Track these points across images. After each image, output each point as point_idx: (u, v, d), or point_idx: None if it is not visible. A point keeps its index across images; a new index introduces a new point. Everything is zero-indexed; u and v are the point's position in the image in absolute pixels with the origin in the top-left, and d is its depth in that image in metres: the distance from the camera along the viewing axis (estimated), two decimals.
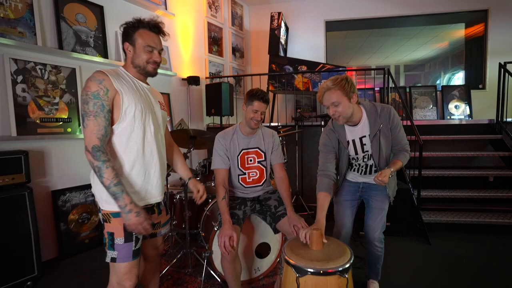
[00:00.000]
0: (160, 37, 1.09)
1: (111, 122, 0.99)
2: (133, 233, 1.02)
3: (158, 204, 1.16)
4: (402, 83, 5.18)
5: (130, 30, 1.04)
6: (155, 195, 1.10)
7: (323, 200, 1.35)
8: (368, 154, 1.42)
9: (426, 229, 2.39)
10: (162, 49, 1.09)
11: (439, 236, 2.43)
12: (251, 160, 1.63)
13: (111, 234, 1.01)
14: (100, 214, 1.04)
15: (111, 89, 0.97)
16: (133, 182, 1.03)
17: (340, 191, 1.59)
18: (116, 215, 1.00)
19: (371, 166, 1.46)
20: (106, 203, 1.00)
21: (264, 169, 1.65)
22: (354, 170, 1.53)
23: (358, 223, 1.78)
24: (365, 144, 1.40)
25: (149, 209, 1.12)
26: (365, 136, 1.38)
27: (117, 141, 1.01)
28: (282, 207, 1.55)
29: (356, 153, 1.44)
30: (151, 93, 1.13)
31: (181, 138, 1.98)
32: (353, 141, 1.42)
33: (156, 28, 1.06)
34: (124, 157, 1.02)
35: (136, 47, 1.05)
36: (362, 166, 1.48)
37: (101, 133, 0.95)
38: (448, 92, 3.95)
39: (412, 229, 2.48)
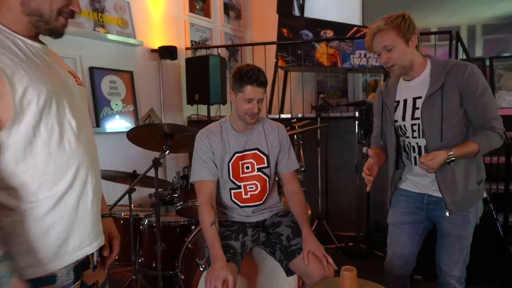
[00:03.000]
0: None
1: None
2: None
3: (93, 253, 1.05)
4: (479, 52, 5.17)
5: None
6: (92, 239, 1.01)
7: (376, 151, 1.56)
8: (418, 126, 1.45)
9: None
10: None
11: None
12: (247, 168, 1.65)
13: None
14: None
15: None
16: (46, 228, 0.89)
17: (394, 208, 1.62)
18: None
19: (424, 150, 1.46)
20: None
21: (267, 179, 1.68)
22: (408, 159, 1.56)
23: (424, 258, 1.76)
24: (417, 108, 1.45)
25: (82, 263, 1.00)
26: (421, 97, 1.44)
27: (8, 158, 0.84)
28: (299, 240, 1.58)
29: (404, 118, 1.49)
30: (49, 58, 0.97)
31: (150, 136, 2.03)
32: (405, 101, 1.50)
33: None
34: (25, 187, 0.86)
35: None
36: (413, 150, 1.51)
37: None
38: None
39: (497, 274, 2.44)
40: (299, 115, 3.54)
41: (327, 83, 4.33)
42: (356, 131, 3.14)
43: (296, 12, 3.96)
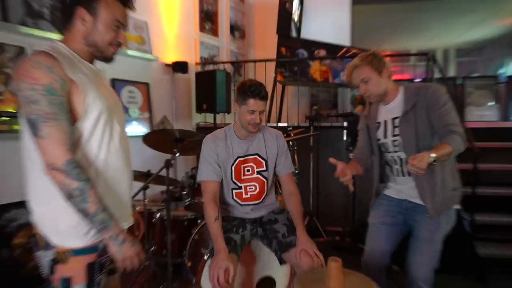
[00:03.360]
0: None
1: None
2: (96, 276, 1.01)
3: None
4: (452, 73, 5.18)
5: None
6: (128, 216, 1.13)
7: (353, 163, 1.62)
8: (398, 142, 1.49)
9: (482, 266, 2.39)
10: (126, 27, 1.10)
11: (501, 277, 2.39)
12: (248, 171, 1.66)
13: (67, 281, 0.96)
14: (47, 254, 0.97)
15: (65, 79, 0.93)
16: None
17: (376, 210, 1.63)
18: (81, 252, 0.97)
19: (406, 162, 1.47)
20: (64, 237, 0.97)
21: (265, 181, 1.69)
22: (391, 172, 1.59)
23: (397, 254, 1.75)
24: (396, 127, 1.51)
25: None
26: (398, 117, 1.50)
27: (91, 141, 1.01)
28: (293, 237, 1.58)
29: (385, 136, 1.55)
30: (101, 77, 1.13)
31: (163, 141, 2.04)
32: (385, 122, 1.56)
33: None
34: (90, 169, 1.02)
35: (97, 20, 0.99)
36: (395, 163, 1.55)
37: (70, 142, 0.93)
38: None
39: (463, 265, 2.46)
40: (295, 124, 3.54)
41: (319, 96, 4.36)
42: (344, 139, 3.17)
43: (294, 34, 3.98)
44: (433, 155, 1.24)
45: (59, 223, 0.96)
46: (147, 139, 2.05)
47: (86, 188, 0.92)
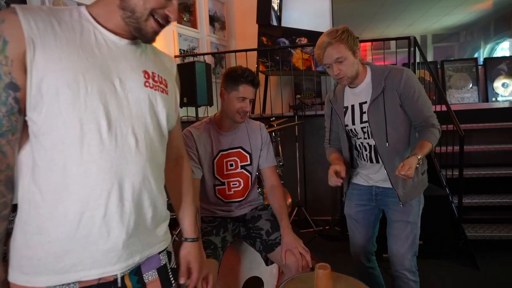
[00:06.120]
0: None
1: (22, 109, 0.66)
2: None
3: (128, 274, 0.78)
4: (430, 58, 5.10)
5: None
6: (104, 262, 0.72)
7: (337, 156, 1.51)
8: (367, 128, 1.41)
9: (471, 249, 2.34)
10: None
11: (491, 258, 2.38)
12: (231, 165, 1.52)
13: None
14: None
15: (13, 40, 0.63)
16: (52, 230, 0.68)
17: (349, 201, 1.58)
18: None
19: (374, 149, 1.42)
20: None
21: (250, 176, 1.56)
22: (359, 157, 1.52)
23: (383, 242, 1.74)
24: (365, 112, 1.41)
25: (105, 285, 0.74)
26: (366, 102, 1.40)
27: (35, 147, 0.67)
28: (278, 234, 1.46)
29: (353, 122, 1.45)
30: (125, 52, 0.76)
31: None
32: (352, 106, 1.45)
33: None
34: (39, 180, 0.67)
35: None
36: (364, 149, 1.47)
37: None
38: (493, 66, 3.90)
39: (453, 249, 2.43)
40: (279, 114, 3.48)
41: (303, 85, 4.27)
42: None
43: (274, 22, 3.88)
44: (419, 157, 1.24)
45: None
46: None
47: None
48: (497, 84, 3.86)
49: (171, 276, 0.88)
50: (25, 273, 0.68)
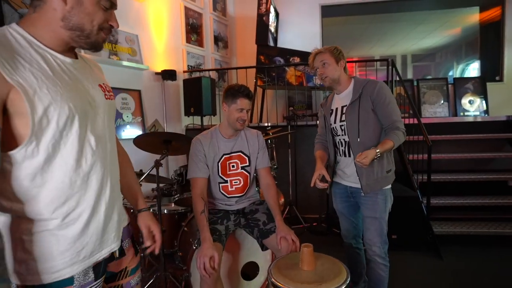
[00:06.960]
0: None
1: (6, 144, 0.64)
2: None
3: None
4: (410, 75, 5.30)
5: None
6: (108, 242, 0.82)
7: (321, 155, 1.63)
8: (344, 126, 1.56)
9: (437, 242, 2.45)
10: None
11: (453, 250, 2.48)
12: (233, 166, 1.66)
13: None
14: None
15: None
16: (64, 235, 0.72)
17: (334, 198, 1.74)
18: None
19: (348, 144, 1.56)
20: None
21: (248, 175, 1.69)
22: (337, 153, 1.66)
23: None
24: (344, 113, 1.56)
25: (104, 260, 0.83)
26: (346, 105, 1.56)
27: (23, 175, 0.67)
28: (273, 224, 1.58)
29: (335, 122, 1.61)
30: (80, 72, 0.76)
31: (152, 142, 1.99)
32: (336, 109, 1.62)
33: None
34: (40, 197, 0.69)
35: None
36: (341, 145, 1.61)
37: None
38: (461, 85, 4.06)
39: (422, 243, 2.54)
40: (274, 124, 3.55)
41: (295, 98, 4.35)
42: None
43: (271, 43, 3.97)
44: (378, 150, 1.36)
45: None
46: (137, 141, 1.99)
47: None
48: (465, 101, 4.01)
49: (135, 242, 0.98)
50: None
